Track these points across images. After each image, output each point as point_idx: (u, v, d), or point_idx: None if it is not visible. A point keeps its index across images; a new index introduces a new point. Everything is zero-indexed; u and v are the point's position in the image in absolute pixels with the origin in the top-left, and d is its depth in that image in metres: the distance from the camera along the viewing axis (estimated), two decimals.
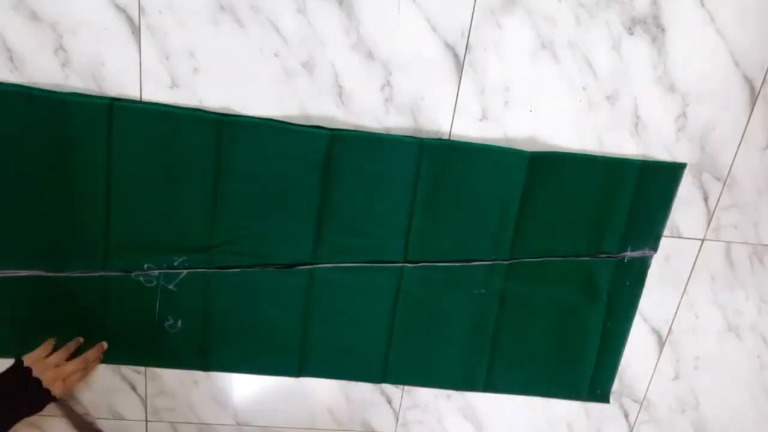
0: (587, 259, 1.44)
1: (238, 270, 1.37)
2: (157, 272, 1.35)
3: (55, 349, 1.33)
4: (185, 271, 1.36)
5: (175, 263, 1.35)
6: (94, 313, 1.37)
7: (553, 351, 1.53)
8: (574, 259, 1.43)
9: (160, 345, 1.43)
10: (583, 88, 1.31)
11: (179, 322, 1.41)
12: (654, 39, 1.29)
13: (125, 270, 1.34)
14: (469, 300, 1.45)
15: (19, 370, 1.23)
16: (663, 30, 1.28)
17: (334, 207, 1.33)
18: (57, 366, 1.29)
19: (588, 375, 1.56)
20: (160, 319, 1.40)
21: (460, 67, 1.27)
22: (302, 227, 1.35)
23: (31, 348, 1.31)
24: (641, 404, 1.63)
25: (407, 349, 1.49)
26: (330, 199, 1.32)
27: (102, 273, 1.34)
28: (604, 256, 1.43)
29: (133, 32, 1.20)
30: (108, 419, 1.51)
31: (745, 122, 1.37)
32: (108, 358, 1.42)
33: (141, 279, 1.35)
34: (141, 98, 1.24)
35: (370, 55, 1.25)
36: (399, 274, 1.41)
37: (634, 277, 1.47)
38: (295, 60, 1.24)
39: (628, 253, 1.44)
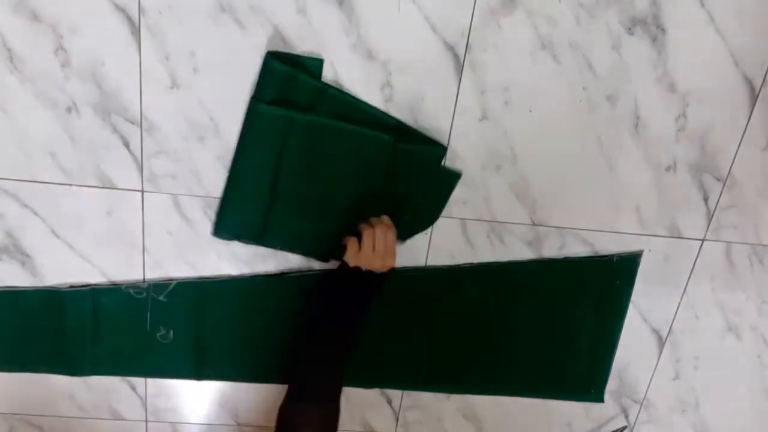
0: (576, 259, 1.44)
1: (227, 278, 1.37)
2: (146, 284, 1.36)
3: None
4: (174, 282, 1.37)
5: None
6: (85, 326, 1.37)
7: (545, 352, 1.53)
8: (562, 259, 1.44)
9: (153, 356, 1.43)
10: (583, 88, 1.31)
11: (171, 333, 1.41)
12: (654, 39, 1.28)
13: (114, 283, 1.36)
14: (459, 302, 1.46)
15: (353, 273, 1.24)
16: (663, 30, 1.28)
17: None
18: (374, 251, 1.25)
19: (581, 375, 1.56)
20: (152, 330, 1.40)
21: (460, 67, 1.27)
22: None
23: (18, 361, 1.36)
24: (641, 404, 1.63)
25: (403, 353, 1.49)
26: None
27: (92, 286, 1.35)
28: (593, 256, 1.45)
29: (133, 32, 1.19)
30: (108, 419, 1.51)
31: (745, 122, 1.37)
32: (102, 370, 1.43)
33: (131, 291, 1.36)
34: (141, 98, 1.24)
35: (370, 55, 1.25)
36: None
37: (624, 276, 1.47)
38: None
39: (617, 253, 1.44)
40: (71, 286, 1.35)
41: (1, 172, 1.27)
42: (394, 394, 1.55)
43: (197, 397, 1.51)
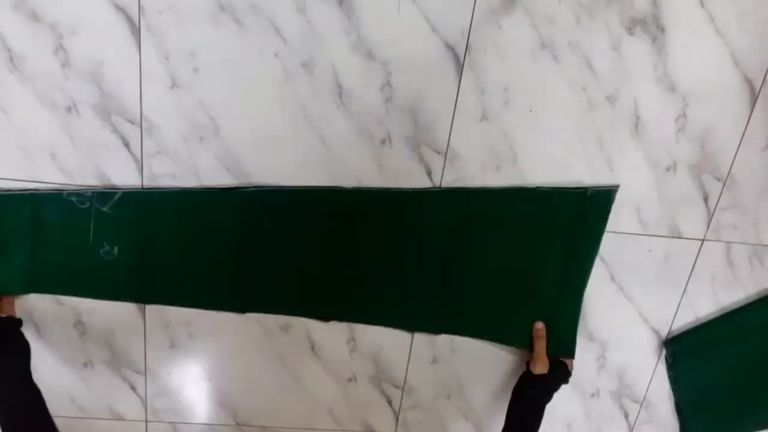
0: (547, 189, 1.36)
1: (176, 189, 1.30)
2: (90, 192, 1.27)
3: None
4: (120, 192, 1.28)
5: None
6: (23, 234, 1.28)
7: (509, 292, 1.44)
8: (531, 188, 1.36)
9: (95, 273, 1.33)
10: (583, 88, 1.30)
11: (115, 249, 1.32)
12: (654, 39, 1.28)
13: (56, 189, 1.27)
14: (420, 232, 1.37)
15: None
16: (663, 30, 1.27)
17: None
18: None
19: (547, 321, 1.46)
20: (95, 245, 1.31)
21: (460, 68, 1.26)
22: None
23: None
24: (641, 404, 1.62)
25: (359, 284, 1.41)
26: None
27: (32, 191, 1.27)
28: (565, 187, 1.37)
29: (133, 32, 1.19)
30: (108, 419, 1.50)
31: (745, 122, 1.36)
32: (40, 286, 1.34)
33: (74, 199, 1.27)
34: (141, 98, 1.23)
35: (370, 56, 1.24)
36: (349, 200, 1.34)
37: (596, 211, 1.39)
38: (295, 60, 1.23)
39: (592, 186, 1.37)
40: (8, 191, 1.28)
41: (1, 172, 1.27)
42: (395, 394, 1.54)
43: (197, 397, 1.51)
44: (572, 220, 1.39)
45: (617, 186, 1.39)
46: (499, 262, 1.42)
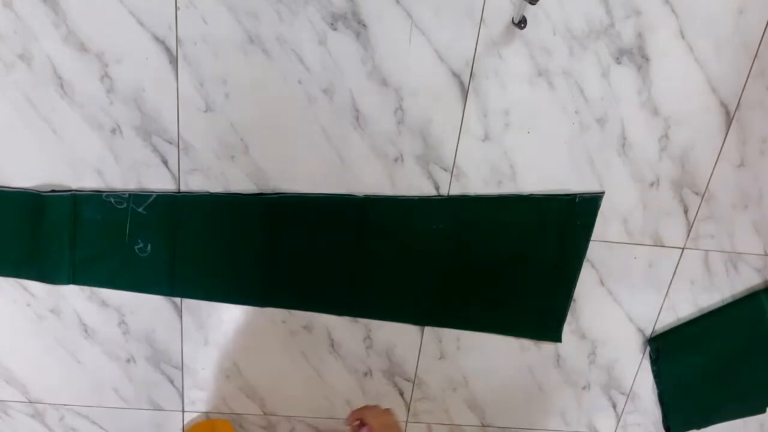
0: (540, 196, 1.33)
1: (207, 194, 1.27)
2: (127, 194, 1.24)
3: None
4: (154, 195, 1.25)
5: None
6: (64, 231, 1.25)
7: (505, 289, 1.41)
8: (526, 196, 1.33)
9: (130, 269, 1.30)
10: (576, 112, 1.26)
11: (149, 246, 1.29)
12: (639, 68, 1.23)
13: (96, 190, 1.24)
14: (426, 235, 1.33)
15: None
16: (647, 60, 1.23)
17: None
18: None
19: (538, 314, 1.44)
20: (131, 243, 1.28)
21: (465, 93, 1.22)
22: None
23: None
24: (628, 396, 1.57)
25: (370, 282, 1.37)
26: None
27: (73, 191, 1.23)
28: (555, 195, 1.33)
29: (170, 62, 1.15)
30: (148, 410, 1.46)
31: (721, 142, 1.32)
32: (79, 279, 1.30)
33: (112, 200, 1.24)
34: (178, 120, 1.19)
35: (384, 83, 1.20)
36: (362, 207, 1.30)
37: (585, 217, 1.36)
38: (316, 86, 1.19)
39: (579, 193, 1.34)
40: (53, 190, 1.23)
41: (51, 185, 1.23)
42: (406, 386, 1.49)
43: (228, 390, 1.46)
44: (563, 223, 1.35)
45: (603, 193, 1.34)
46: (498, 261, 1.38)
